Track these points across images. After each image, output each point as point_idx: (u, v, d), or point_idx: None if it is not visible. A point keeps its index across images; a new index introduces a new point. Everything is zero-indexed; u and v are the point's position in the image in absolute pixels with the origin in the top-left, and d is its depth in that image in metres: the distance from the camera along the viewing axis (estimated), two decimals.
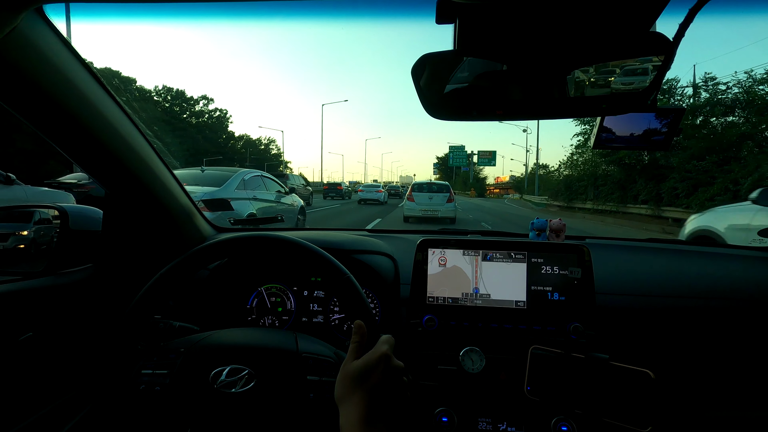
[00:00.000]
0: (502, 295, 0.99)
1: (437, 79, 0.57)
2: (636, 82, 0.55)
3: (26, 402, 0.82)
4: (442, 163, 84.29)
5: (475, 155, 60.90)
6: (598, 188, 20.11)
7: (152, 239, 1.14)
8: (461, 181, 71.58)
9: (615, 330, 1.03)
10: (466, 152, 61.21)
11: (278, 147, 68.06)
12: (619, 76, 0.55)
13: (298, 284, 1.23)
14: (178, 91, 49.25)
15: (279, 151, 65.83)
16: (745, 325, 1.03)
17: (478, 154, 59.17)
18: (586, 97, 0.57)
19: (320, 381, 0.72)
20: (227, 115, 53.85)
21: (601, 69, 0.55)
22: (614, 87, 0.55)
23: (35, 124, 0.78)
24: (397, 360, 0.63)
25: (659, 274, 1.17)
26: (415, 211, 11.16)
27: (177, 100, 48.29)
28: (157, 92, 47.09)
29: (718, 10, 0.57)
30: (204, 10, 0.63)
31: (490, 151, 58.34)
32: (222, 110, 53.41)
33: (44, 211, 1.13)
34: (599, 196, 19.86)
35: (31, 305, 0.88)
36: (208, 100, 51.69)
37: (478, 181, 71.90)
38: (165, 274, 0.75)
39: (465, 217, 14.61)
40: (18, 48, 0.64)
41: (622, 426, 0.83)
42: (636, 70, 0.54)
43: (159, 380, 0.72)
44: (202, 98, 51.08)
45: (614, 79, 0.55)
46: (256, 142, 61.96)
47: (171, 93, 48.36)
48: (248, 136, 61.53)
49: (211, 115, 51.98)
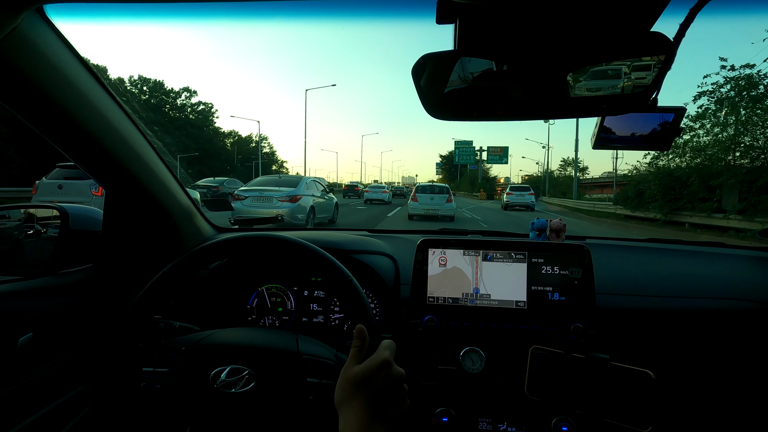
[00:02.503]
0: (502, 296, 0.99)
1: (437, 79, 0.57)
2: (636, 82, 0.55)
3: (26, 402, 0.82)
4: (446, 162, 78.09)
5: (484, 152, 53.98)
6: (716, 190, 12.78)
7: (152, 239, 1.14)
8: (468, 182, 61.18)
9: (615, 330, 1.03)
10: (474, 148, 54.79)
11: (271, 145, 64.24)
12: (619, 76, 0.55)
13: (298, 284, 1.23)
14: (157, 82, 45.32)
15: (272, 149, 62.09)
16: (745, 325, 1.03)
17: (488, 151, 53.01)
18: (587, 97, 0.57)
19: (320, 383, 0.72)
20: (212, 109, 49.82)
21: (602, 69, 0.55)
22: (614, 87, 0.55)
23: (35, 124, 0.78)
24: (398, 367, 0.63)
25: (659, 274, 1.17)
26: (419, 209, 12.85)
27: (156, 93, 44.42)
28: (132, 82, 43.22)
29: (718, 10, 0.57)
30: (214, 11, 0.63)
31: (501, 147, 52.36)
32: (206, 104, 49.48)
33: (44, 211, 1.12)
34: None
35: (31, 305, 0.88)
36: (191, 92, 47.87)
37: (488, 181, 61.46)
38: (165, 274, 0.75)
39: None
40: (18, 48, 0.63)
41: (622, 426, 0.83)
42: (636, 70, 0.54)
43: (160, 378, 0.72)
44: (184, 90, 47.10)
45: (614, 79, 0.55)
46: (246, 139, 58.15)
47: (148, 84, 44.46)
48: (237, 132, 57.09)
49: (194, 109, 47.96)
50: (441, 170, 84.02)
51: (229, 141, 54.39)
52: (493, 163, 55.05)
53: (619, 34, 0.50)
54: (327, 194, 10.16)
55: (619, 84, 0.55)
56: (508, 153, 52.04)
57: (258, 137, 56.39)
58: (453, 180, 71.38)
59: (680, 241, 1.43)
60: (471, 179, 60.33)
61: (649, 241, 1.46)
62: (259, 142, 49.53)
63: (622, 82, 0.55)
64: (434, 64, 0.55)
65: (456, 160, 57.24)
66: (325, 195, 9.89)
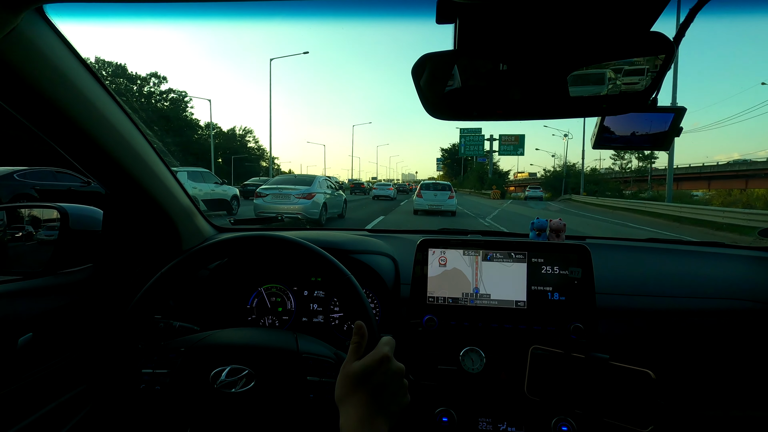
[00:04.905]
0: (502, 295, 0.99)
1: (437, 79, 0.57)
2: (636, 82, 0.55)
3: (26, 402, 0.82)
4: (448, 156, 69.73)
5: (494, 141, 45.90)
6: None
7: (152, 239, 1.14)
8: (476, 177, 51.24)
9: (615, 330, 1.03)
10: (483, 137, 45.90)
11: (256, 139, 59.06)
12: (619, 76, 0.55)
13: (298, 284, 1.23)
14: (119, 65, 40.28)
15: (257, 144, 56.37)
16: (745, 324, 1.03)
17: (500, 140, 45.02)
18: (587, 97, 0.57)
19: (320, 381, 0.72)
20: (185, 98, 44.22)
21: (602, 69, 0.55)
22: (614, 87, 0.55)
23: (35, 124, 0.78)
24: (397, 362, 0.63)
25: (659, 273, 1.17)
26: (423, 205, 14.01)
27: (119, 78, 39.57)
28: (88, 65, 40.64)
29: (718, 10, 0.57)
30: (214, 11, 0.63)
31: (516, 135, 43.68)
32: (178, 92, 44.25)
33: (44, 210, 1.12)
34: None
35: (31, 305, 0.88)
36: (160, 78, 42.84)
37: (501, 176, 51.84)
38: (165, 274, 0.75)
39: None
40: (18, 48, 0.63)
41: (622, 426, 0.83)
42: (636, 70, 0.54)
43: (159, 379, 0.72)
44: (152, 76, 42.28)
45: (614, 79, 0.55)
46: (228, 133, 53.62)
47: (108, 67, 39.50)
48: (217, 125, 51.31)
49: (164, 97, 43.01)
50: (442, 166, 77.07)
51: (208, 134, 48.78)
52: (506, 155, 46.60)
53: (619, 34, 0.50)
54: (336, 191, 11.14)
55: (619, 84, 0.55)
56: (524, 142, 44.18)
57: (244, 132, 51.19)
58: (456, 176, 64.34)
59: (680, 240, 1.43)
60: (479, 174, 50.97)
61: (649, 241, 1.46)
62: (211, 125, 43.83)
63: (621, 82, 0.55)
64: (434, 64, 0.55)
65: (462, 152, 48.33)
66: (335, 192, 10.88)
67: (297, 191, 9.26)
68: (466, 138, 45.75)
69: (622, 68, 0.54)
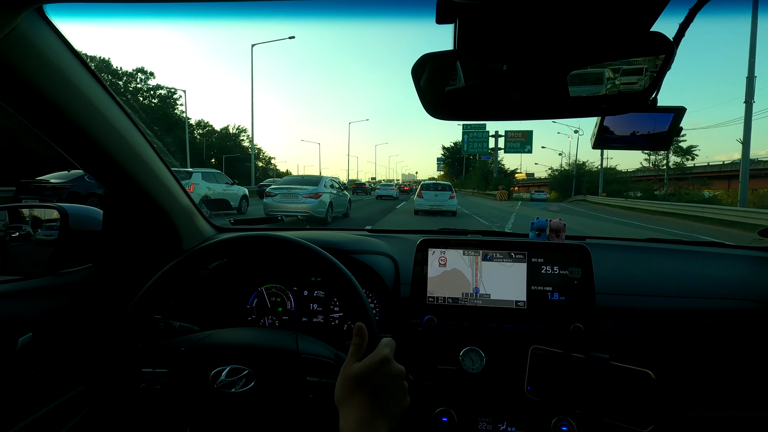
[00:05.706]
0: (502, 295, 0.99)
1: (437, 79, 0.57)
2: (635, 82, 0.55)
3: (26, 402, 0.82)
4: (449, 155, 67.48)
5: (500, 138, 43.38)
6: None
7: (152, 239, 1.14)
8: (479, 176, 48.95)
9: (615, 330, 1.03)
10: (488, 133, 43.50)
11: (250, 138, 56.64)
12: (619, 76, 0.55)
13: (298, 284, 1.23)
14: (102, 60, 38.07)
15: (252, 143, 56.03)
16: (744, 325, 1.03)
17: (506, 136, 42.76)
18: (587, 97, 0.57)
19: (320, 382, 0.72)
20: (175, 95, 41.71)
21: (601, 69, 0.55)
22: (614, 87, 0.55)
23: (35, 124, 0.78)
24: (397, 364, 0.63)
25: (659, 274, 1.17)
26: (424, 205, 13.94)
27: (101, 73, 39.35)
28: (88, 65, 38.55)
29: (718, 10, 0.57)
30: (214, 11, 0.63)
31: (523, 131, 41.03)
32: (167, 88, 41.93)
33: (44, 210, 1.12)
34: None
35: (31, 305, 0.88)
36: (147, 74, 40.73)
37: (506, 175, 49.69)
38: (165, 274, 0.75)
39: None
40: (18, 48, 0.63)
41: (622, 426, 0.83)
42: (636, 70, 0.54)
43: (159, 379, 0.72)
44: (139, 71, 40.17)
45: (614, 79, 0.55)
46: (221, 132, 51.81)
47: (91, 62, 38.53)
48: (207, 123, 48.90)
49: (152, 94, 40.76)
50: (443, 166, 74.68)
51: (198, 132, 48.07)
52: (512, 152, 44.39)
53: (619, 34, 0.50)
54: (341, 191, 11.58)
55: (618, 84, 0.55)
56: (531, 139, 42.18)
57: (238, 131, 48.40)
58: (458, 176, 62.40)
59: (680, 240, 1.43)
60: (483, 173, 48.25)
61: (649, 241, 1.46)
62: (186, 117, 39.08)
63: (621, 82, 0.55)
64: (434, 64, 0.55)
65: (464, 150, 45.82)
66: (339, 192, 11.33)
67: (305, 191, 9.62)
68: (469, 135, 43.39)
69: (621, 68, 0.54)
